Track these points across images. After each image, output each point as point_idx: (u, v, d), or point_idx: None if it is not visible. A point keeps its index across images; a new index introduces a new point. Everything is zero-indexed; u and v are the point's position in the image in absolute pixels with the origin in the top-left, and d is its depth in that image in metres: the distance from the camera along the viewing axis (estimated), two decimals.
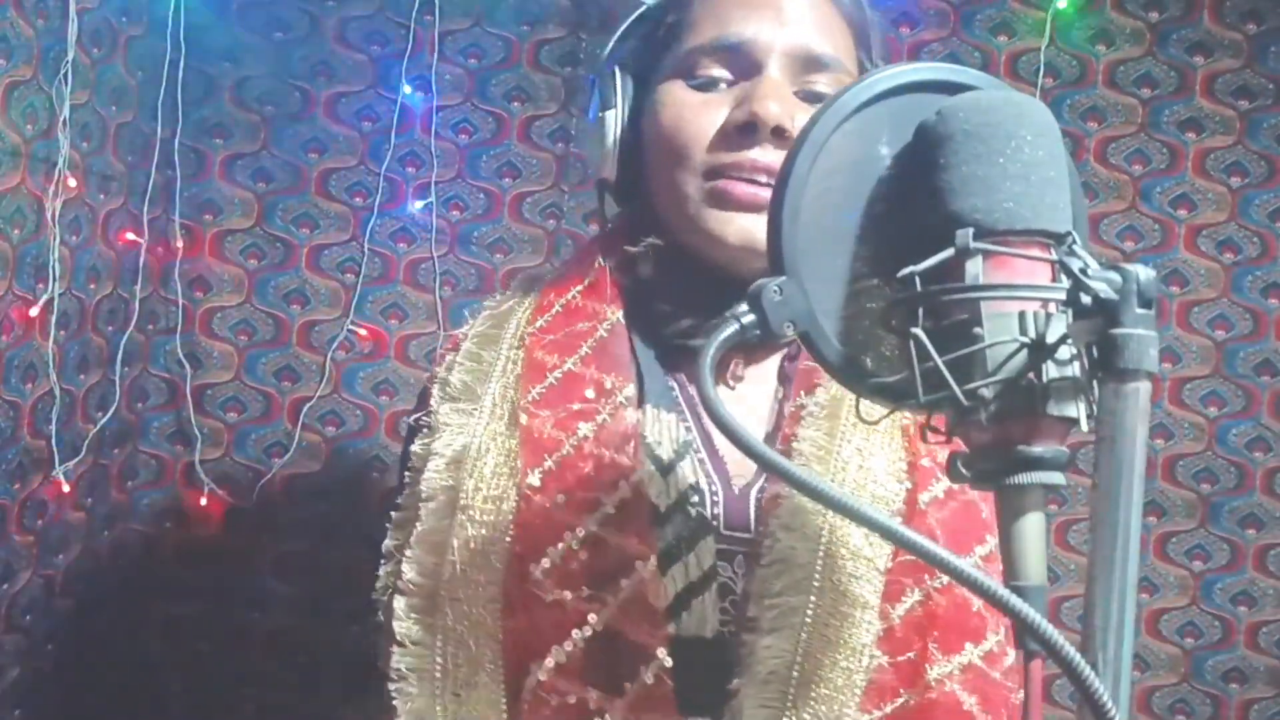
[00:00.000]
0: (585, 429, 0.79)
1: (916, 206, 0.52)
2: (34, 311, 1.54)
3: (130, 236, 1.81)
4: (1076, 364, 0.48)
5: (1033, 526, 0.48)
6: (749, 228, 0.79)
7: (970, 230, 0.49)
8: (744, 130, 0.78)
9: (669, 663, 0.74)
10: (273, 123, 1.97)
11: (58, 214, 1.55)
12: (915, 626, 0.77)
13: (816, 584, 0.75)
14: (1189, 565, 2.05)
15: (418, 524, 0.81)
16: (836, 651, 0.75)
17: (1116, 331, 0.46)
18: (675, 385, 0.86)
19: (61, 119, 1.54)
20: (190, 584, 1.93)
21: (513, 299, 0.92)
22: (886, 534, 0.44)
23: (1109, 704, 0.41)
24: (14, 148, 1.47)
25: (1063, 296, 0.48)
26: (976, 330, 0.48)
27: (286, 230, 1.98)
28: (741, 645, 0.76)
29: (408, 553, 0.80)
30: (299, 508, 1.96)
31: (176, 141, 1.87)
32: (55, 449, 1.60)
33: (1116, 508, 0.45)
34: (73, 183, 1.59)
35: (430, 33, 1.96)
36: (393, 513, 0.86)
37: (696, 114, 0.81)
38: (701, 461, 0.82)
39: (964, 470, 0.51)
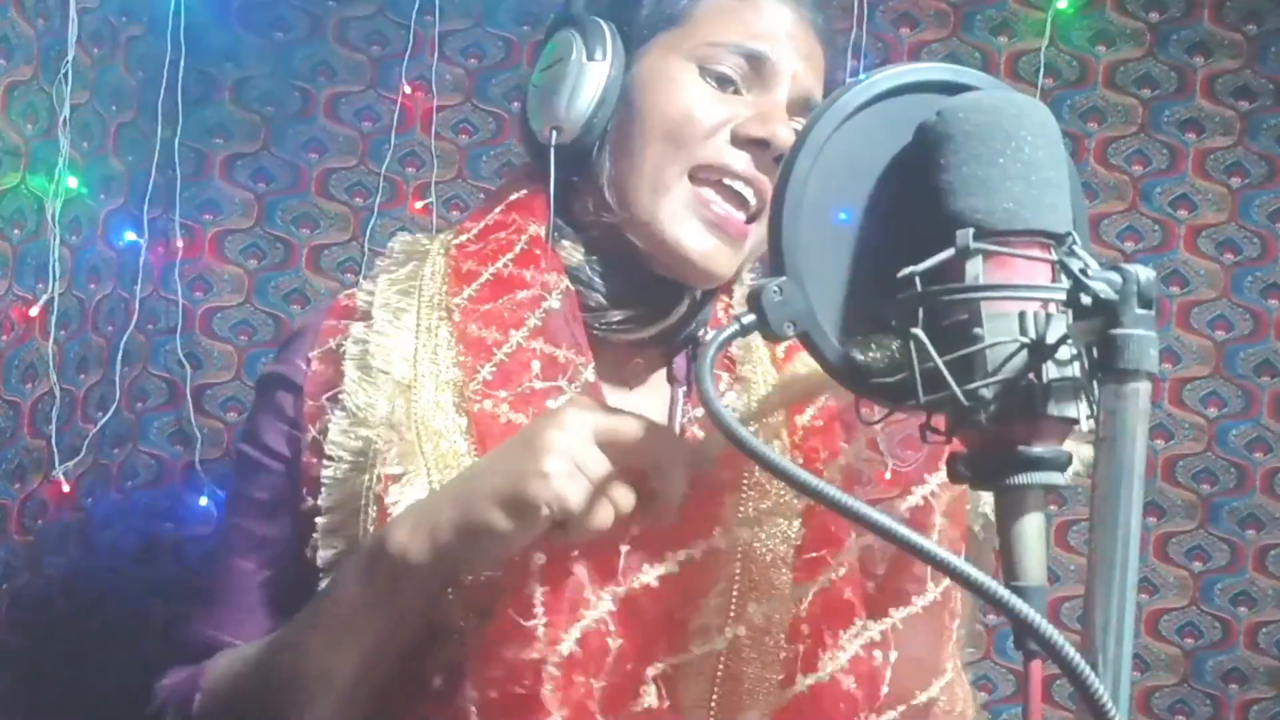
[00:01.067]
0: (553, 406, 0.74)
1: (917, 207, 0.52)
2: (34, 311, 1.54)
3: (130, 236, 1.81)
4: (1076, 364, 0.48)
5: (1032, 527, 0.48)
6: (713, 253, 0.78)
7: (970, 230, 0.49)
8: (754, 144, 0.78)
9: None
10: (273, 123, 1.97)
11: (58, 214, 1.55)
12: (813, 619, 0.76)
13: (738, 582, 0.74)
14: (1189, 566, 2.05)
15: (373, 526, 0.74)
16: (756, 645, 0.74)
17: (1116, 332, 0.46)
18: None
19: (62, 119, 1.54)
20: (189, 585, 1.92)
21: (408, 264, 0.84)
22: (881, 531, 0.44)
23: (1109, 704, 0.41)
24: (14, 147, 1.47)
25: (1063, 297, 0.48)
26: (976, 330, 0.48)
27: (287, 230, 1.98)
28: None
29: None
30: None
31: (177, 141, 1.87)
32: (55, 449, 1.60)
33: (1116, 508, 0.45)
34: (73, 182, 1.59)
35: (430, 33, 1.96)
36: (320, 519, 0.76)
37: (708, 108, 0.78)
38: None
39: (964, 471, 0.51)
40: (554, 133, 0.81)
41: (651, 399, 0.86)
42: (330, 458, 0.77)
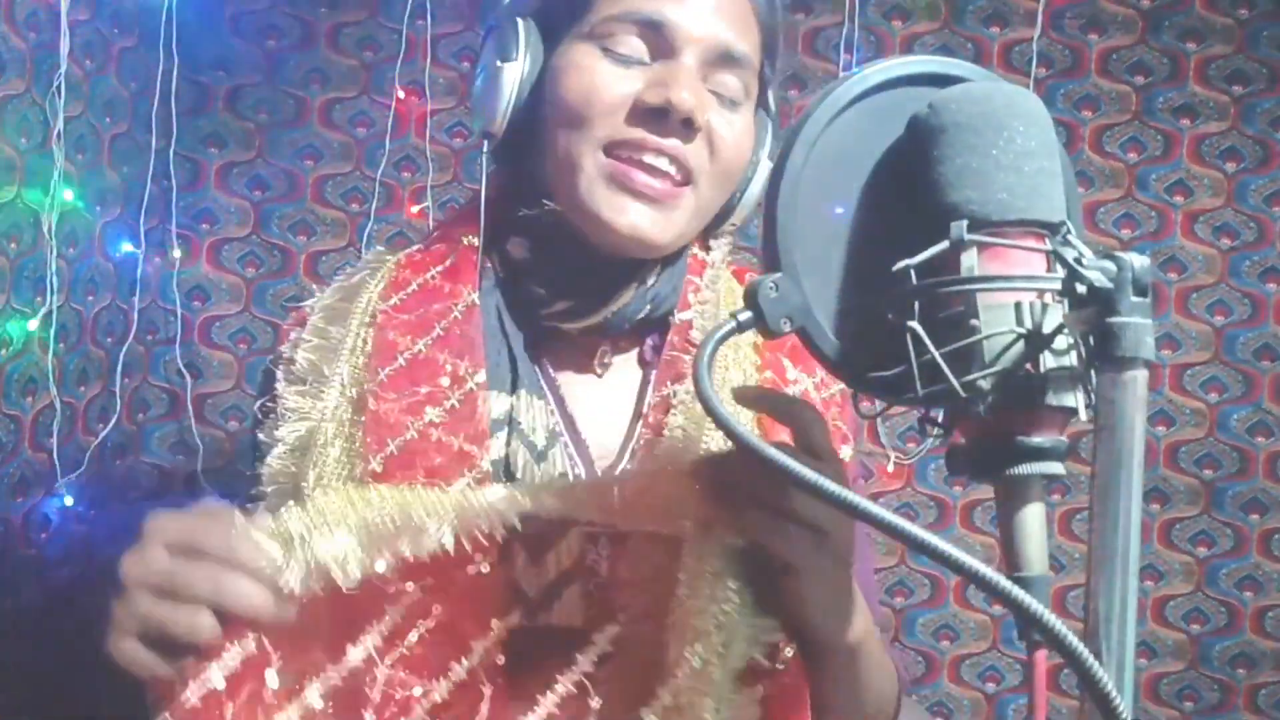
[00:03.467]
0: (432, 414, 0.76)
1: (910, 200, 0.52)
2: (33, 325, 1.54)
3: (127, 248, 1.81)
4: (1074, 354, 0.48)
5: (1034, 517, 0.48)
6: (639, 221, 0.77)
7: (964, 222, 0.49)
8: (655, 113, 0.76)
9: (501, 659, 0.72)
10: (267, 131, 1.97)
11: (54, 227, 1.55)
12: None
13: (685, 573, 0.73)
14: (1193, 551, 2.05)
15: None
16: (705, 634, 0.74)
17: (1112, 320, 0.46)
18: (538, 370, 0.84)
19: (56, 132, 1.54)
20: None
21: (364, 271, 0.86)
22: (887, 529, 0.44)
23: (1113, 693, 0.41)
24: (9, 161, 1.47)
25: (1058, 286, 0.48)
26: (973, 322, 0.48)
27: (283, 238, 1.98)
28: (606, 633, 0.74)
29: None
30: None
31: (171, 151, 1.87)
32: (57, 462, 1.60)
33: (1116, 496, 0.45)
34: (69, 195, 1.59)
35: (423, 37, 1.96)
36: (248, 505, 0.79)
37: (608, 84, 0.77)
38: (566, 446, 0.81)
39: (964, 463, 0.51)
40: (487, 138, 0.83)
41: (620, 383, 0.86)
42: (259, 458, 0.81)
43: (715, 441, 0.78)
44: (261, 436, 0.81)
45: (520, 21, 0.82)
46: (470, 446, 0.76)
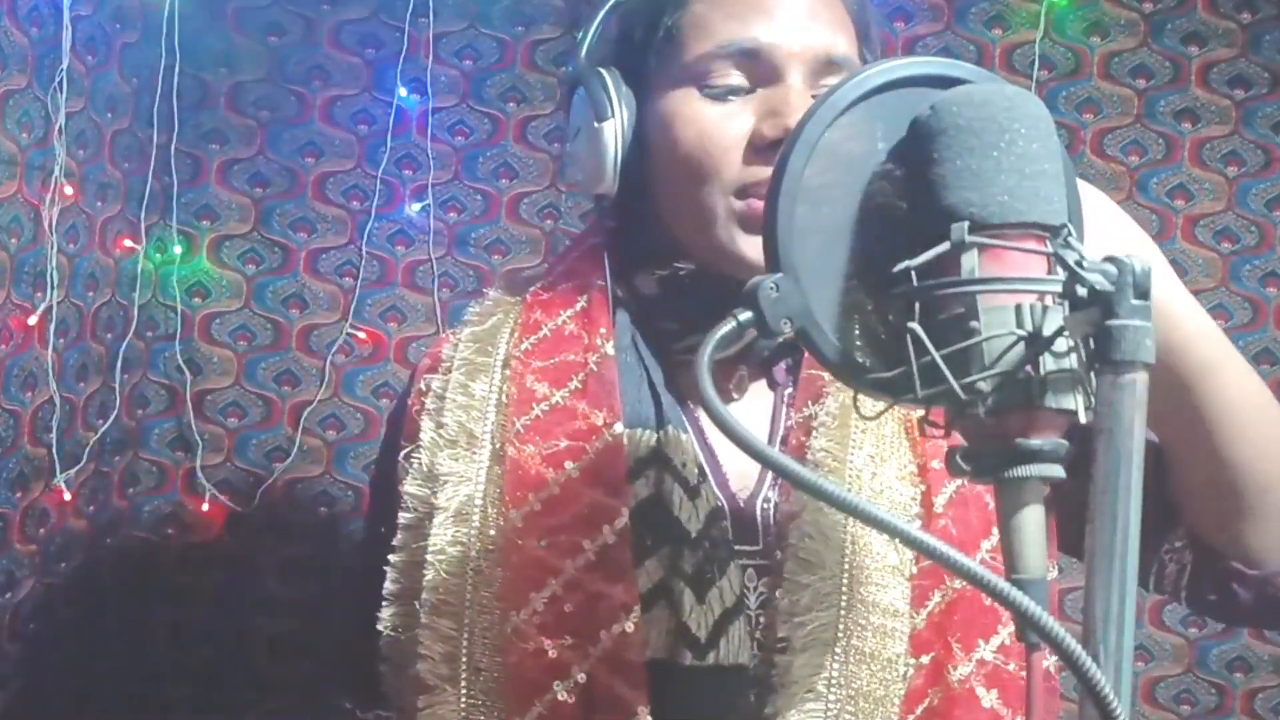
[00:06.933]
0: (572, 467, 0.76)
1: (911, 201, 0.52)
2: (33, 320, 1.54)
3: (128, 243, 1.81)
4: (1074, 356, 0.48)
5: (1032, 519, 0.48)
6: None
7: (965, 224, 0.49)
8: (775, 145, 0.73)
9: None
10: (269, 127, 1.97)
11: (55, 222, 1.55)
12: (936, 628, 0.77)
13: (845, 597, 0.74)
14: None
15: (425, 579, 0.77)
16: (873, 663, 0.74)
17: (1113, 323, 0.46)
18: (680, 404, 0.83)
19: (57, 127, 1.54)
20: (193, 590, 1.93)
21: (496, 314, 0.87)
22: (892, 533, 0.44)
23: (1110, 695, 0.41)
24: (10, 156, 1.47)
25: (1059, 289, 0.48)
26: (973, 324, 0.48)
27: (284, 234, 1.98)
28: (774, 667, 0.74)
29: (423, 619, 0.77)
30: (301, 512, 1.96)
31: (173, 148, 1.87)
32: (56, 457, 1.60)
33: (1115, 499, 0.45)
34: (69, 190, 1.59)
35: (425, 35, 1.96)
36: (392, 556, 0.81)
37: (719, 128, 0.75)
38: (709, 478, 0.80)
39: (963, 464, 0.51)
40: (600, 199, 0.84)
41: (752, 408, 0.85)
42: (405, 506, 0.81)
43: (860, 460, 0.78)
44: (411, 491, 0.81)
45: (605, 74, 0.80)
46: (609, 500, 0.75)
